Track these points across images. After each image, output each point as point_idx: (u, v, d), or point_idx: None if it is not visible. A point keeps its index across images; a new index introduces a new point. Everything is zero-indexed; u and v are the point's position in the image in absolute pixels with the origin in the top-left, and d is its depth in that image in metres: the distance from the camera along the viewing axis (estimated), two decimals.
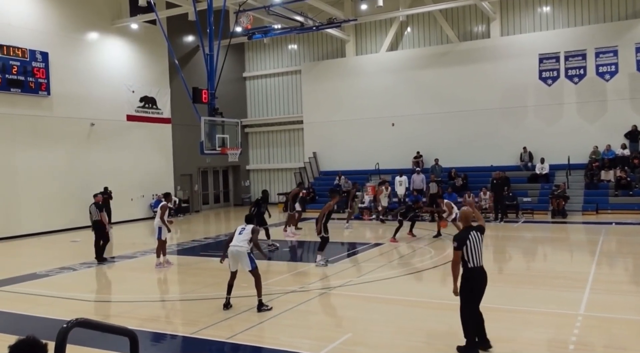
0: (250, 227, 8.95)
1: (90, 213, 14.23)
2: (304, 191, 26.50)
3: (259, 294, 8.72)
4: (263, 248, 9.56)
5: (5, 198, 19.18)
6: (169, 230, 13.11)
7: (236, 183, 31.30)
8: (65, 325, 3.04)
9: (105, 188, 21.72)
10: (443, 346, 6.86)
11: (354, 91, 27.51)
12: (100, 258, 13.84)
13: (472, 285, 6.38)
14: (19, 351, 2.70)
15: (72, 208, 21.34)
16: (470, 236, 6.41)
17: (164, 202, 13.54)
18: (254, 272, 8.71)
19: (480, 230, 6.60)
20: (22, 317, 9.13)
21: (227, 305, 8.79)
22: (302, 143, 29.55)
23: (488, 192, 20.81)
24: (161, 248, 12.98)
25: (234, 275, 8.92)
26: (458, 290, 6.44)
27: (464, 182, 23.08)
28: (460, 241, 6.41)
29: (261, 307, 8.64)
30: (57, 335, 3.00)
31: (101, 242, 13.96)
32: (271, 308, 8.70)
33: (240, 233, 8.84)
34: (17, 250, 16.99)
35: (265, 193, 16.13)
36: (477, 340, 6.42)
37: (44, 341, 2.77)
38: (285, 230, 17.66)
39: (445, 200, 16.15)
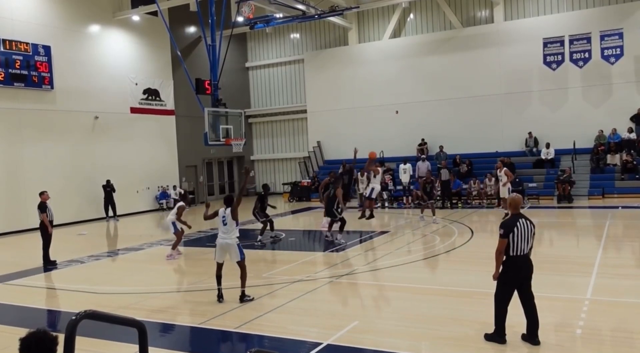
0: (228, 211, 8.72)
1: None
2: (309, 181, 26.63)
3: (243, 285, 8.72)
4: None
5: (11, 192, 19.27)
6: (189, 227, 13.60)
7: (241, 173, 31.31)
8: (74, 317, 3.06)
9: (108, 181, 21.81)
10: (449, 333, 6.88)
11: (357, 79, 27.40)
12: (47, 262, 12.77)
13: (511, 274, 6.23)
14: (29, 344, 2.72)
15: (78, 202, 21.46)
16: (518, 224, 6.17)
17: (181, 203, 13.48)
18: (241, 263, 8.70)
19: (531, 221, 6.31)
20: (31, 309, 9.21)
21: (220, 297, 8.75)
22: (306, 132, 29.51)
23: (493, 178, 20.75)
24: (179, 241, 13.20)
25: (220, 266, 8.89)
26: (497, 276, 6.33)
27: (469, 168, 23.02)
28: (507, 229, 6.16)
29: (244, 298, 8.64)
30: (66, 327, 3.02)
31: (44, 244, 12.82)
32: (253, 298, 8.70)
33: (225, 224, 8.69)
34: (24, 243, 17.10)
35: (266, 187, 15.79)
36: (505, 331, 6.31)
37: (54, 333, 2.79)
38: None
39: (505, 168, 17.60)
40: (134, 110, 24.12)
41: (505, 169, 17.62)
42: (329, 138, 28.45)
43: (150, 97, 24.97)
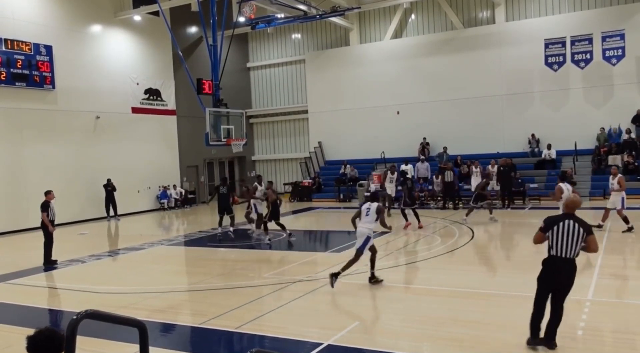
0: (374, 206, 9.42)
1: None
2: (310, 181, 26.63)
3: (346, 268, 9.29)
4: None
5: (12, 191, 19.27)
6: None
7: (242, 174, 31.31)
8: (75, 317, 3.06)
9: (108, 181, 21.82)
10: (450, 334, 6.87)
11: (358, 80, 27.39)
12: (48, 261, 12.74)
13: (547, 275, 5.98)
14: (38, 342, 2.71)
15: (79, 201, 21.45)
16: (563, 223, 5.86)
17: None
18: (358, 254, 9.32)
19: (583, 224, 5.90)
20: (32, 309, 9.21)
21: (372, 278, 9.37)
22: (307, 132, 29.51)
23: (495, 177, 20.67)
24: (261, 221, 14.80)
25: (373, 250, 9.45)
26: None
27: (470, 169, 22.93)
28: (547, 224, 5.95)
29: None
30: (67, 327, 3.02)
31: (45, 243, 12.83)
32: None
33: (367, 215, 9.37)
34: (25, 243, 17.10)
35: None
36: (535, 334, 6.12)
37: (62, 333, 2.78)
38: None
39: (620, 175, 14.26)
40: (135, 110, 24.12)
41: (620, 176, 14.20)
42: (330, 138, 28.45)
43: (151, 97, 24.98)
